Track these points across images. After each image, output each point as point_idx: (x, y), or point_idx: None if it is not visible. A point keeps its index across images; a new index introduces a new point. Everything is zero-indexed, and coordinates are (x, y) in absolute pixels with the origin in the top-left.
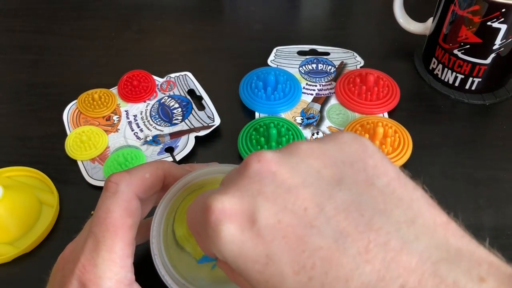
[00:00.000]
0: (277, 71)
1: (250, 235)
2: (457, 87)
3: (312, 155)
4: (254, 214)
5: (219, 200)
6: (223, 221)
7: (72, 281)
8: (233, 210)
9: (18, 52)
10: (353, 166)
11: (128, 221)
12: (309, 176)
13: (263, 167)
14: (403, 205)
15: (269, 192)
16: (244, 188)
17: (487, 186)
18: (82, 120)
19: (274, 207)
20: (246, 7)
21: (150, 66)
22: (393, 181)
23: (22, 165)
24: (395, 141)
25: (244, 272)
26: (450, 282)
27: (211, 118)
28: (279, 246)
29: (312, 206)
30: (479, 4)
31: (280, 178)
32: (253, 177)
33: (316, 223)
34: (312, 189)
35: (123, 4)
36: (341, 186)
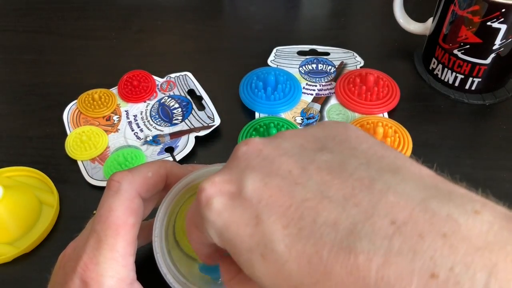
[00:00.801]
0: (277, 71)
1: (240, 201)
2: (457, 87)
3: (296, 135)
4: (242, 182)
5: (212, 180)
6: (213, 195)
7: (74, 279)
8: (222, 184)
9: (18, 52)
10: (335, 139)
11: (130, 219)
12: (293, 148)
13: (249, 147)
14: (386, 160)
15: (255, 164)
16: (234, 166)
17: (487, 186)
18: (82, 120)
19: (260, 174)
20: (246, 7)
21: (150, 66)
22: (376, 145)
23: (22, 165)
24: (395, 141)
25: (237, 240)
26: (443, 215)
27: (211, 118)
28: (267, 205)
29: (296, 168)
30: (479, 4)
31: (265, 153)
32: (241, 157)
33: (301, 180)
34: (295, 157)
35: (123, 4)
36: (323, 151)
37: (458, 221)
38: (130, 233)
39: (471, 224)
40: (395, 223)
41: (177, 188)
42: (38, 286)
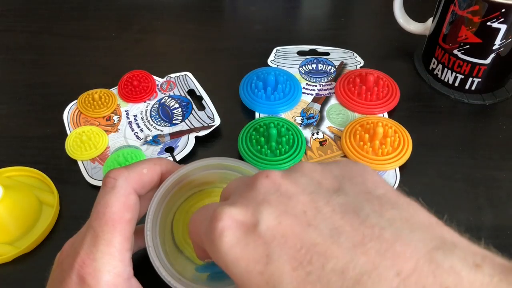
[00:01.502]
0: (277, 71)
1: (252, 237)
2: (457, 87)
3: (315, 171)
4: (257, 218)
5: (227, 209)
6: (228, 227)
7: (71, 275)
8: (238, 217)
9: (18, 52)
10: (352, 180)
11: (126, 215)
12: (310, 185)
13: (269, 181)
14: (398, 207)
15: (272, 199)
16: (250, 198)
17: (487, 186)
18: (82, 120)
19: (276, 211)
20: (246, 7)
21: (150, 66)
22: (390, 192)
23: (22, 165)
24: (395, 141)
25: (245, 276)
26: (446, 267)
27: (211, 118)
28: (279, 245)
29: (310, 209)
30: (479, 4)
31: (283, 188)
32: (259, 189)
33: (314, 222)
34: (312, 196)
35: (123, 4)
36: (339, 193)
37: (460, 274)
38: (126, 228)
39: (473, 277)
40: (400, 275)
41: (169, 181)
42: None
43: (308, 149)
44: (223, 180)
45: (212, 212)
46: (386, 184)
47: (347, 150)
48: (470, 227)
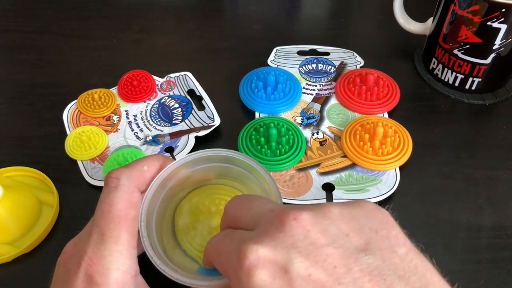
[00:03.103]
0: (277, 71)
1: (282, 283)
2: (457, 87)
3: (343, 219)
4: (287, 265)
5: (255, 248)
6: (257, 267)
7: (78, 274)
8: (267, 258)
9: (18, 52)
10: (378, 233)
11: (131, 212)
12: (339, 238)
13: (298, 224)
14: (418, 273)
15: (302, 247)
16: (279, 240)
17: (487, 186)
18: (82, 120)
19: (306, 261)
20: (246, 7)
21: (150, 66)
22: (411, 252)
23: (22, 165)
24: (395, 141)
25: None
26: None
27: (211, 118)
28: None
29: (341, 265)
30: (479, 4)
31: (313, 236)
32: (288, 232)
33: (344, 281)
34: (341, 250)
35: (123, 4)
36: (366, 251)
37: None
38: (132, 225)
39: None
40: None
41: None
42: (38, 286)
43: (308, 149)
44: (219, 175)
45: (239, 247)
46: (406, 240)
47: (347, 150)
48: (470, 227)
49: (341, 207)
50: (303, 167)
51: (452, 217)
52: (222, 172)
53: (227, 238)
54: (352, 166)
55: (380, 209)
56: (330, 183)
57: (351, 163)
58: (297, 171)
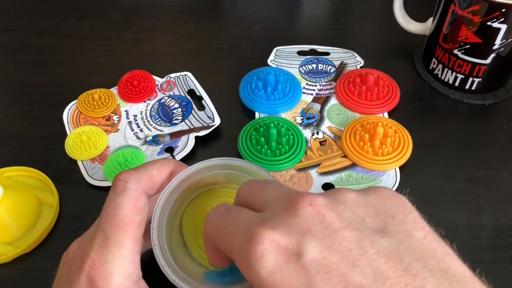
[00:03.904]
0: (277, 71)
1: (295, 267)
2: (457, 87)
3: (358, 205)
4: (301, 249)
5: (269, 233)
6: (270, 253)
7: (80, 277)
8: (281, 244)
9: (18, 52)
10: (395, 218)
11: (137, 217)
12: (354, 222)
13: (314, 209)
14: (437, 256)
15: (317, 232)
16: (294, 226)
17: (487, 186)
18: (82, 120)
19: (321, 245)
20: (246, 7)
21: (150, 66)
22: (429, 235)
23: (22, 165)
24: (395, 141)
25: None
26: None
27: (211, 118)
28: (322, 280)
29: (356, 248)
30: (479, 4)
31: (328, 220)
32: (303, 217)
33: (359, 263)
34: (357, 233)
35: (123, 4)
36: (383, 234)
37: None
38: (137, 230)
39: None
40: None
41: (175, 181)
42: (38, 286)
43: (308, 149)
44: (228, 180)
45: (249, 229)
46: (424, 224)
47: (347, 150)
48: (470, 227)
49: (356, 193)
50: (303, 167)
51: (452, 217)
52: (232, 178)
53: (232, 217)
54: (352, 166)
55: (397, 195)
56: (330, 183)
57: (351, 163)
58: (297, 171)
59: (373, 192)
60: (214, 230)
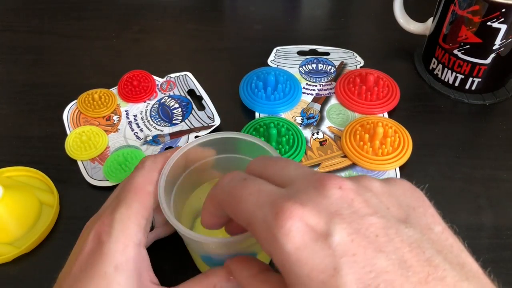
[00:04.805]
0: (277, 71)
1: (323, 246)
2: (457, 87)
3: (383, 194)
4: (330, 229)
5: (298, 209)
6: (299, 229)
7: (90, 233)
8: (310, 222)
9: (18, 52)
10: (415, 210)
11: (148, 187)
12: (380, 210)
13: (343, 193)
14: (454, 251)
15: (345, 215)
16: (323, 206)
17: (487, 186)
18: (82, 120)
19: (349, 228)
20: (246, 7)
21: (150, 66)
22: (446, 231)
23: (22, 165)
24: (395, 141)
25: (305, 281)
26: None
27: (211, 118)
28: (348, 263)
29: (382, 234)
30: (479, 4)
31: (356, 205)
32: (332, 199)
33: (385, 249)
34: (383, 221)
35: (123, 4)
36: (406, 224)
37: None
38: (146, 198)
39: None
40: None
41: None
42: (38, 286)
43: (308, 149)
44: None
45: (275, 203)
46: (441, 220)
47: (347, 150)
48: (470, 227)
49: (380, 182)
50: None
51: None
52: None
53: (253, 187)
54: (352, 166)
55: (416, 189)
56: None
57: (351, 163)
58: None
59: (395, 183)
60: (228, 197)
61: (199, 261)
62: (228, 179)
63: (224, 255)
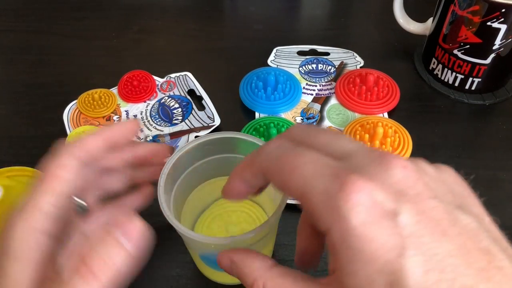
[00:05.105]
0: (277, 71)
1: (390, 225)
2: (457, 87)
3: (438, 180)
4: (397, 208)
5: (366, 183)
6: (366, 203)
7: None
8: (378, 198)
9: (18, 52)
10: (467, 199)
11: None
12: (439, 194)
13: (407, 173)
14: (503, 243)
15: (411, 196)
16: (389, 183)
17: (487, 186)
18: (82, 120)
19: (415, 209)
20: (246, 7)
21: (150, 66)
22: (492, 224)
23: (22, 165)
24: (395, 141)
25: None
26: None
27: (211, 118)
28: (415, 243)
29: (444, 219)
30: (479, 4)
31: (420, 187)
32: (398, 178)
33: (449, 233)
34: (443, 205)
35: (123, 4)
36: (463, 211)
37: None
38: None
39: None
40: None
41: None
42: None
43: None
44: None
45: (339, 174)
46: (485, 212)
47: None
48: None
49: (433, 167)
50: None
51: None
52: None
53: (311, 156)
54: None
55: (462, 179)
56: None
57: None
58: None
59: (445, 170)
60: (278, 165)
61: (198, 261)
62: (274, 146)
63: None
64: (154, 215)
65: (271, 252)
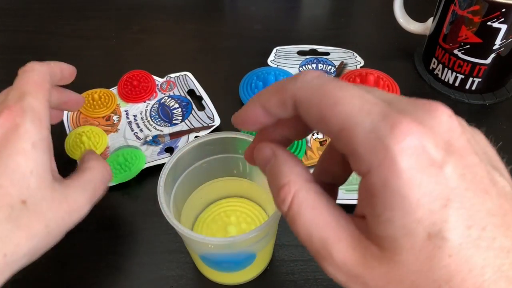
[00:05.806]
0: (277, 71)
1: (438, 173)
2: (457, 87)
3: (475, 138)
4: (444, 158)
5: (417, 127)
6: (416, 148)
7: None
8: (428, 144)
9: (18, 52)
10: (498, 163)
11: (45, 84)
12: (478, 152)
13: (453, 123)
14: None
15: (457, 147)
16: (438, 131)
17: None
18: (82, 120)
19: (461, 162)
20: (246, 7)
21: (150, 66)
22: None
23: None
24: None
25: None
26: None
27: (211, 118)
28: (460, 197)
29: (485, 177)
30: (479, 4)
31: (463, 141)
32: (445, 127)
33: (490, 192)
34: (484, 164)
35: (123, 4)
36: (500, 172)
37: None
38: (47, 93)
39: None
40: None
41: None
42: (38, 285)
43: (308, 149)
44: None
45: (388, 114)
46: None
47: None
48: None
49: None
50: None
51: None
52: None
53: (355, 90)
54: None
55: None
56: None
57: None
58: None
59: (477, 132)
60: (318, 95)
61: (198, 261)
62: (313, 75)
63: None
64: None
65: (271, 252)
